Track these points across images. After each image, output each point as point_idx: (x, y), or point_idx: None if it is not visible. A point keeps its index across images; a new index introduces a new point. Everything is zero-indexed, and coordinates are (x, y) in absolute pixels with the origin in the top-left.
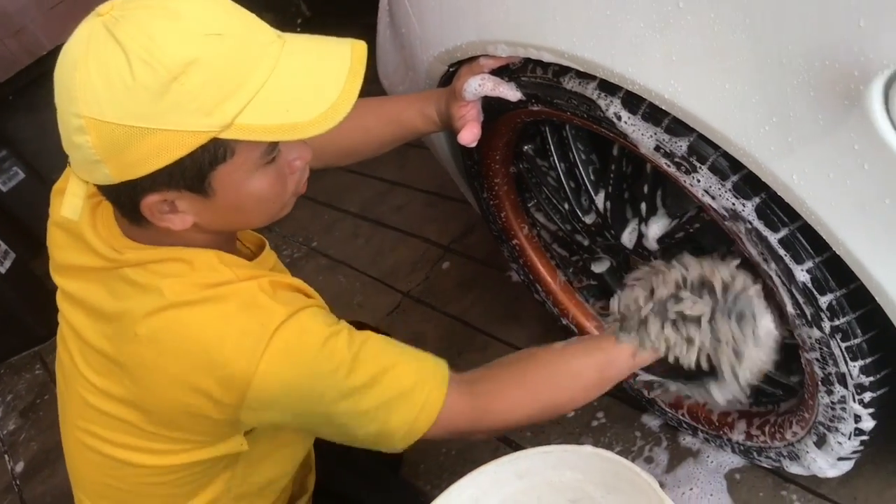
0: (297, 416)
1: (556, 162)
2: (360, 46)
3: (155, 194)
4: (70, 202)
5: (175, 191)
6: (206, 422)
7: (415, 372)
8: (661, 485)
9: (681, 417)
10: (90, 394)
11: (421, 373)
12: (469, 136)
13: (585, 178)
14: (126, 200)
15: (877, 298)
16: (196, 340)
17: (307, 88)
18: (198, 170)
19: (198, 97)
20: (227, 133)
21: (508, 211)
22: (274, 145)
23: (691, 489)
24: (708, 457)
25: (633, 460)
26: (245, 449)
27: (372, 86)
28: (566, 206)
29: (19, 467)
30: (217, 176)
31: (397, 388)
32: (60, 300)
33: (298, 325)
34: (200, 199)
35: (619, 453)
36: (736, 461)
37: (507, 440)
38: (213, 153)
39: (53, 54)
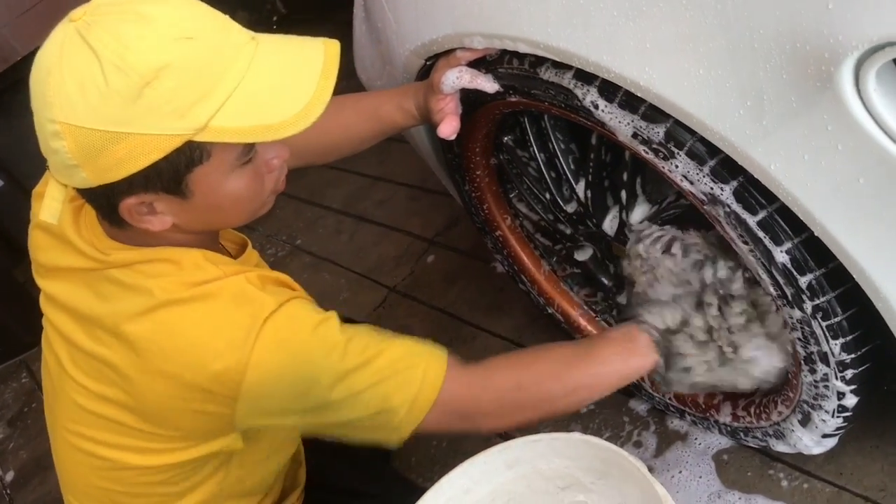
0: (294, 407)
1: (536, 152)
2: (333, 45)
3: (133, 197)
4: (49, 206)
5: (153, 193)
6: (202, 417)
7: (409, 351)
8: (651, 469)
9: (668, 401)
10: (80, 396)
11: (416, 350)
12: (448, 129)
13: (565, 168)
14: (105, 203)
15: (855, 277)
16: (188, 338)
17: (281, 89)
18: (174, 172)
19: (171, 101)
20: (202, 136)
21: (490, 202)
22: (250, 146)
23: (680, 472)
24: (696, 439)
25: (621, 445)
26: (239, 446)
27: (350, 81)
28: (547, 195)
29: (9, 476)
30: (194, 178)
31: (394, 367)
32: (44, 304)
33: (288, 313)
34: (178, 200)
35: (607, 439)
36: (723, 442)
37: None
38: (189, 156)
39: (28, 60)
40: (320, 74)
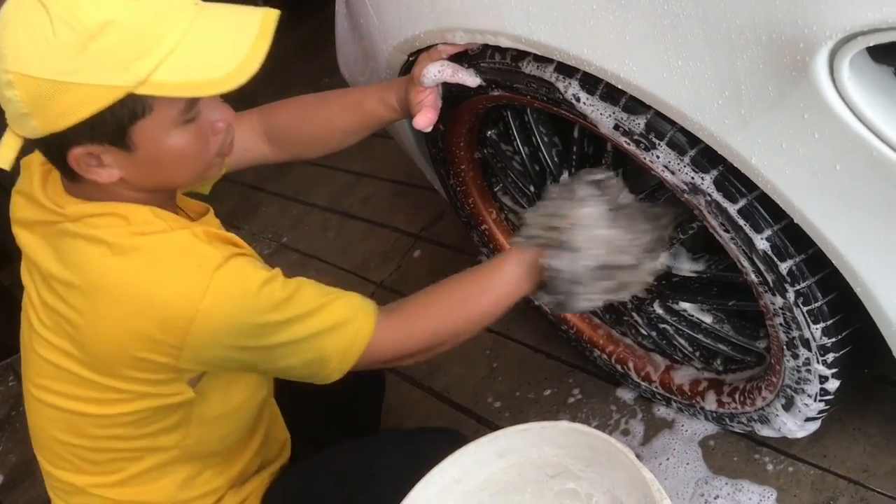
0: (236, 352)
1: (520, 146)
2: (272, 13)
3: (80, 147)
4: (2, 153)
5: (98, 144)
6: (149, 366)
7: (347, 306)
8: (638, 456)
9: (654, 389)
10: (42, 348)
11: (353, 307)
12: (424, 121)
13: (549, 161)
14: (55, 153)
15: (834, 262)
16: (136, 285)
17: (218, 49)
18: (118, 125)
19: (113, 54)
20: (143, 89)
21: (476, 196)
22: (192, 103)
23: (668, 459)
24: (682, 426)
25: (609, 433)
26: (191, 397)
27: (333, 78)
28: (532, 188)
29: None
30: (137, 131)
31: (332, 320)
32: (23, 270)
33: (236, 267)
34: (123, 153)
35: (595, 427)
36: (709, 428)
37: (486, 421)
38: (132, 108)
39: None
40: (256, 37)
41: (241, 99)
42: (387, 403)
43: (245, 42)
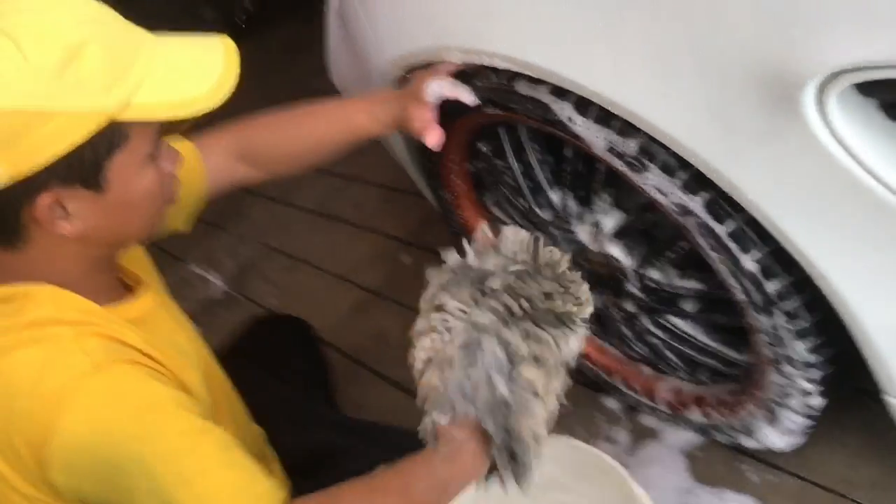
0: (98, 487)
1: (513, 162)
2: (228, 39)
3: (49, 193)
4: None
5: (70, 187)
6: (26, 469)
7: (240, 488)
8: (623, 465)
9: (640, 399)
10: None
11: (246, 491)
12: (435, 139)
13: (541, 178)
14: (13, 207)
15: (818, 284)
16: (2, 388)
17: (191, 67)
18: (95, 159)
19: (94, 76)
20: (127, 113)
21: (467, 208)
22: (159, 138)
23: (652, 468)
24: (667, 435)
25: (594, 442)
26: None
27: (319, 78)
28: (523, 202)
29: None
30: (112, 165)
31: (211, 497)
32: None
33: (111, 380)
34: (92, 196)
35: (581, 436)
36: (694, 439)
37: None
38: (110, 139)
39: None
40: (224, 54)
41: (227, 101)
42: (370, 407)
43: (216, 59)
